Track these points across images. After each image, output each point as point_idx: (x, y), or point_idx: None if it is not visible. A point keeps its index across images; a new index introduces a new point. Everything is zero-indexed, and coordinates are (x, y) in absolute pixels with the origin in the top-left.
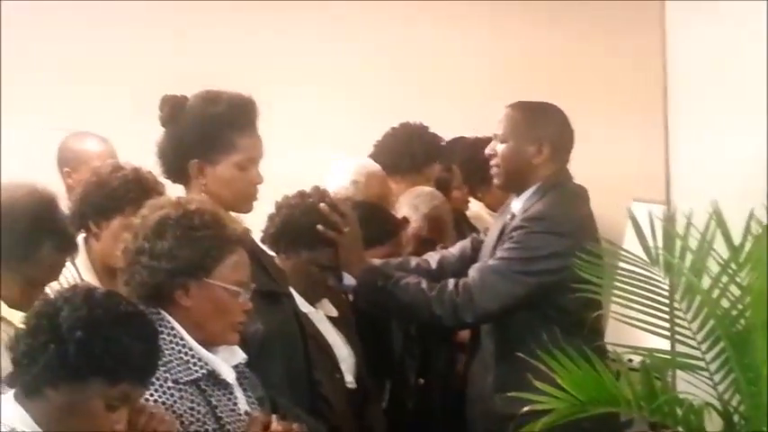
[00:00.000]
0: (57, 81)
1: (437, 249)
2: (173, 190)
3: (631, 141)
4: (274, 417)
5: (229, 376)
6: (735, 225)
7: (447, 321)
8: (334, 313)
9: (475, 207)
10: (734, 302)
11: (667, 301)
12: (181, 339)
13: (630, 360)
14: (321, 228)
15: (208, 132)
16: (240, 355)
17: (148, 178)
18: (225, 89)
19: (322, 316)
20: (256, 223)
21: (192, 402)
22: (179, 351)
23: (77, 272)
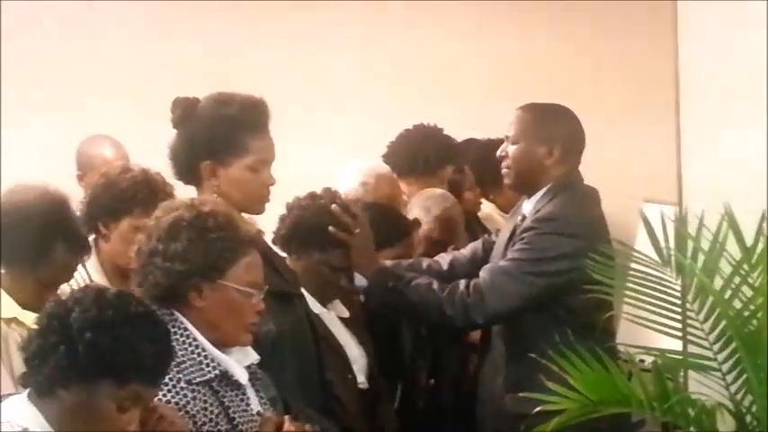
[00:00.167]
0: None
1: (448, 251)
2: (183, 191)
3: (643, 142)
4: (287, 417)
5: (242, 377)
6: (747, 226)
7: (458, 322)
8: (345, 314)
9: (487, 208)
10: (746, 303)
11: (679, 302)
12: (194, 340)
13: (642, 361)
14: (332, 229)
15: (220, 134)
16: (253, 356)
17: (157, 179)
18: (236, 91)
19: (334, 317)
20: (267, 225)
21: (205, 403)
22: (192, 352)
23: (87, 273)
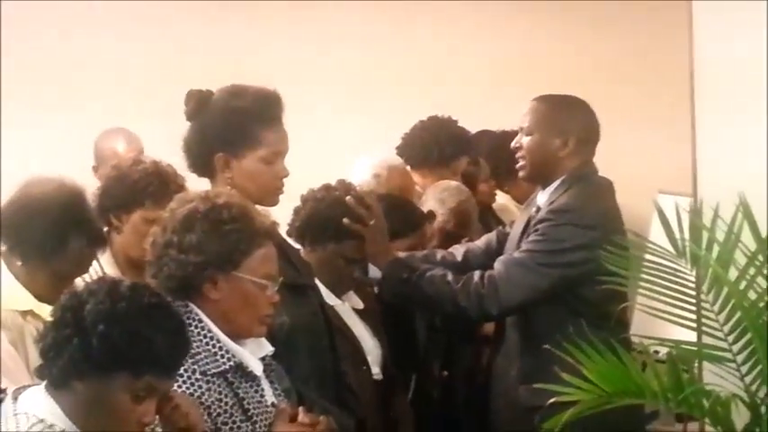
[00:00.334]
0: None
1: (462, 243)
2: (195, 184)
3: (658, 133)
4: (301, 408)
5: (257, 368)
6: (762, 217)
7: (472, 313)
8: (360, 305)
9: (502, 199)
10: (761, 294)
11: (694, 293)
12: (209, 332)
13: (656, 352)
14: (347, 220)
15: (233, 126)
16: (267, 348)
17: (168, 171)
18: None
19: (348, 308)
20: (281, 217)
21: (220, 394)
22: (207, 343)
23: (100, 265)
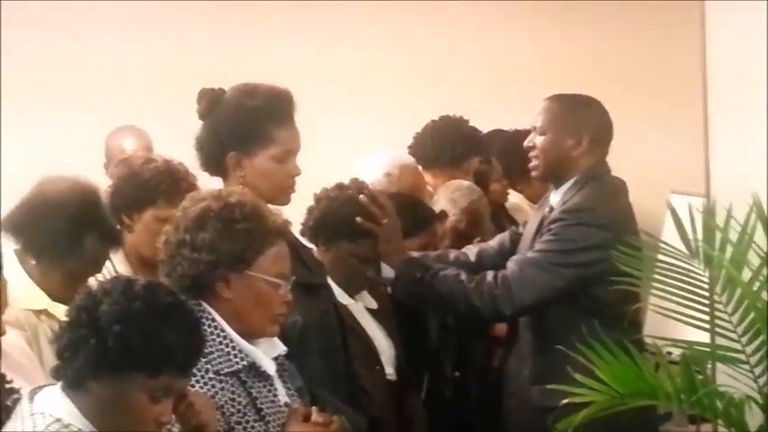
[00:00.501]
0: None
1: (474, 243)
2: (207, 182)
3: (671, 133)
4: (314, 408)
5: (270, 368)
6: None
7: (485, 313)
8: (373, 305)
9: (515, 199)
10: None
11: (707, 294)
12: (222, 331)
13: (669, 353)
14: (360, 219)
15: (245, 125)
16: (280, 347)
17: (180, 170)
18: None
19: (361, 308)
20: (292, 216)
21: (233, 394)
22: (220, 343)
23: (112, 264)
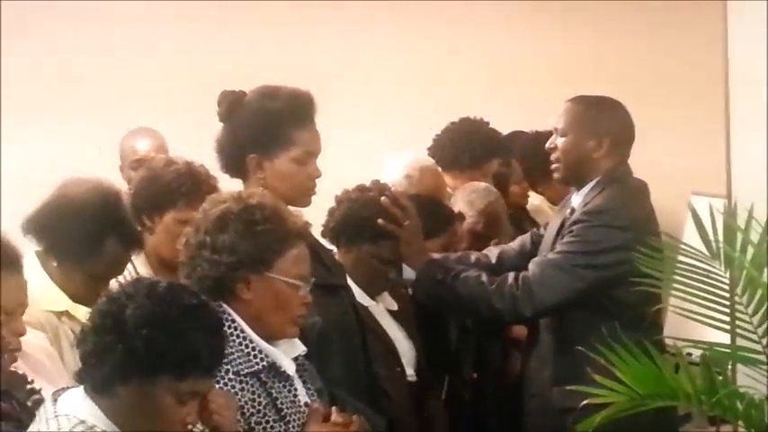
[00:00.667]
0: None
1: (491, 245)
2: (227, 184)
3: (692, 134)
4: (334, 408)
5: (290, 368)
6: None
7: (506, 315)
8: (394, 307)
9: (536, 201)
10: None
11: (728, 295)
12: (242, 332)
13: (690, 354)
14: (382, 221)
15: (266, 127)
16: (300, 348)
17: (200, 172)
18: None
19: (382, 309)
20: (312, 217)
21: (253, 394)
22: (240, 343)
23: (133, 266)
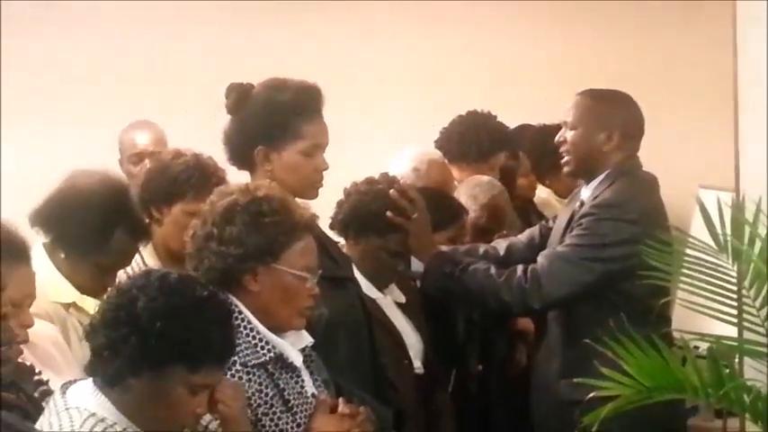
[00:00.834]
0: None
1: (495, 239)
2: (235, 176)
3: (700, 129)
4: (341, 399)
5: (297, 359)
6: None
7: (515, 307)
8: (402, 299)
9: (543, 194)
10: None
11: (735, 289)
12: (249, 323)
13: (697, 347)
14: (390, 214)
15: (274, 119)
16: (307, 339)
17: (209, 164)
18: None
19: (390, 301)
20: (319, 210)
21: (260, 385)
22: (247, 335)
23: (141, 257)
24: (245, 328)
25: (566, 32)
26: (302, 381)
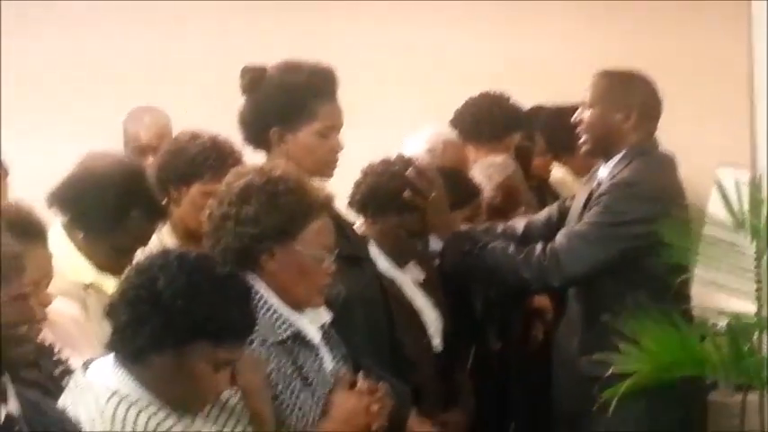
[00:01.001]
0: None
1: (511, 218)
2: (252, 158)
3: (718, 109)
4: (360, 375)
5: (315, 337)
6: None
7: (534, 285)
8: (421, 277)
9: (559, 173)
10: None
11: (753, 266)
12: (266, 302)
13: (715, 324)
14: (408, 194)
15: (289, 100)
16: (325, 316)
17: (225, 145)
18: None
19: (409, 280)
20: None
21: (280, 363)
22: (264, 314)
23: (158, 237)
24: (263, 307)
25: (579, 23)
26: (321, 358)
